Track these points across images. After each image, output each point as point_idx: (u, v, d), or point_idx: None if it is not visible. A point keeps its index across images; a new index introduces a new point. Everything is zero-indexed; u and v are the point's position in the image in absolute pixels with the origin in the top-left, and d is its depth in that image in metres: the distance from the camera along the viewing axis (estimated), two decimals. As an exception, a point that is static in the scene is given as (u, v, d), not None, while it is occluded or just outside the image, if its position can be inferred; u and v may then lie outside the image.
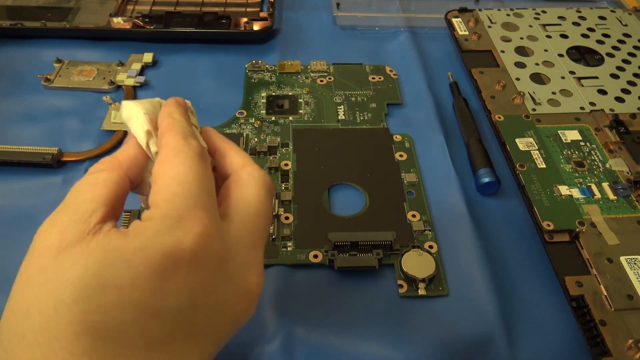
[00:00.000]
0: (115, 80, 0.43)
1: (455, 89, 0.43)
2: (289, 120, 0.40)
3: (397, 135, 0.39)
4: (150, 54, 0.45)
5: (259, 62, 0.45)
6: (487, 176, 0.35)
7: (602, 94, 0.41)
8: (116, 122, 0.39)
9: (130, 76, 0.43)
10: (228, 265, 0.18)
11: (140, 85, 0.43)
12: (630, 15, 0.49)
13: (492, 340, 0.28)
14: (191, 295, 0.17)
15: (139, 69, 0.44)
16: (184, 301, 0.17)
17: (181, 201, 0.18)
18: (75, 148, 0.37)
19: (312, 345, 0.28)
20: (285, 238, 0.32)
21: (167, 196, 0.18)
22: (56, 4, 0.49)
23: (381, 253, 0.31)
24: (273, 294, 0.29)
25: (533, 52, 0.45)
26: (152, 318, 0.16)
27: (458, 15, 0.48)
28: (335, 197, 0.35)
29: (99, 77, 0.43)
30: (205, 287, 0.17)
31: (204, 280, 0.17)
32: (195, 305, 0.17)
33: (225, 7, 0.51)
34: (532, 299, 0.30)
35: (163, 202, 0.18)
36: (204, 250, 0.17)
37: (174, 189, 0.18)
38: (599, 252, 0.30)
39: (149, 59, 0.45)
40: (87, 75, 0.43)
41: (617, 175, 0.35)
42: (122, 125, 0.38)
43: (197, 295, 0.17)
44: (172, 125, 0.20)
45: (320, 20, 0.52)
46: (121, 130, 0.38)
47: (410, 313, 0.29)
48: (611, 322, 0.27)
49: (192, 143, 0.20)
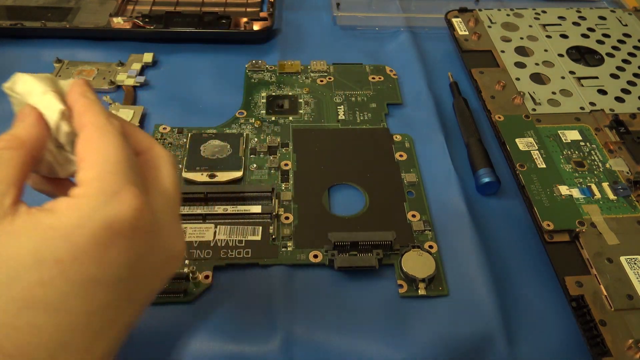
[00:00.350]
0: (115, 80, 0.42)
1: (455, 89, 0.43)
2: (289, 120, 0.40)
3: (397, 135, 0.39)
4: (150, 54, 0.45)
5: (259, 62, 0.45)
6: (487, 176, 0.35)
7: (602, 94, 0.41)
8: None
9: (131, 76, 0.43)
10: (158, 234, 0.20)
11: (140, 85, 0.43)
12: (630, 15, 0.49)
13: (492, 340, 0.28)
14: (130, 263, 0.18)
15: (139, 69, 0.44)
16: (124, 269, 0.18)
17: (115, 178, 0.19)
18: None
19: (312, 345, 0.28)
20: (285, 238, 0.32)
21: (98, 174, 0.19)
22: (56, 4, 0.49)
23: (381, 253, 0.31)
24: (273, 294, 0.29)
25: (533, 52, 0.45)
26: (95, 287, 0.17)
27: (458, 15, 0.49)
28: (335, 197, 0.35)
29: (99, 77, 0.43)
30: (142, 254, 0.19)
31: (140, 248, 0.19)
32: (133, 272, 0.19)
33: (225, 7, 0.51)
34: (532, 299, 0.30)
35: (95, 180, 0.18)
36: (139, 222, 0.18)
37: (106, 167, 0.19)
38: (599, 252, 0.30)
39: (149, 59, 0.45)
40: (87, 75, 0.43)
41: (617, 175, 0.35)
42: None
43: (135, 263, 0.19)
44: (91, 105, 0.21)
45: (320, 20, 0.52)
46: None
47: (410, 313, 0.29)
48: (611, 322, 0.27)
49: (115, 122, 0.20)
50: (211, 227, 0.32)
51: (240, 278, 0.30)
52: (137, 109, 0.40)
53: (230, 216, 0.33)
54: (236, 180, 0.35)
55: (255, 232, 0.32)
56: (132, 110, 0.39)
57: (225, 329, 0.28)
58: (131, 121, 0.38)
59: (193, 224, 0.32)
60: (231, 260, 0.31)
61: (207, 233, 0.32)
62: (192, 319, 0.28)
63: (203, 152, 0.37)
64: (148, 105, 0.41)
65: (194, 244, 0.31)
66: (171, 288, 0.29)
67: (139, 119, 0.39)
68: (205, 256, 0.31)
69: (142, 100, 0.42)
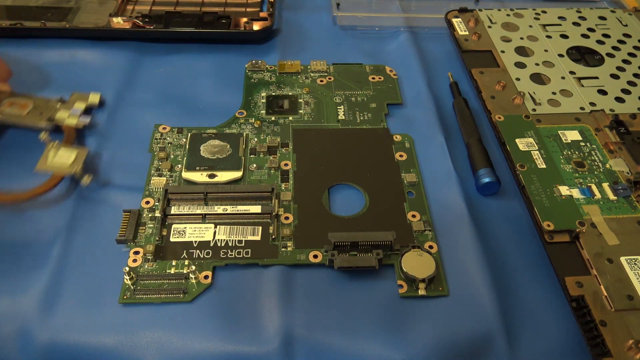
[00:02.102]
0: (54, 118, 0.36)
1: (455, 89, 0.43)
2: (289, 120, 0.40)
3: (397, 135, 0.39)
4: (97, 94, 0.39)
5: (259, 62, 0.45)
6: (487, 176, 0.35)
7: (602, 94, 0.41)
8: (55, 165, 0.32)
9: (73, 115, 0.36)
10: None
11: (84, 127, 0.36)
12: (630, 15, 0.49)
13: (492, 340, 0.28)
14: None
15: (83, 109, 0.38)
16: None
17: None
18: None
19: (312, 345, 0.28)
20: (285, 238, 0.32)
21: None
22: (56, 4, 0.49)
23: (381, 253, 0.30)
24: (273, 294, 0.29)
25: (533, 52, 0.45)
26: None
27: (458, 16, 0.49)
28: (335, 197, 0.35)
29: (35, 112, 0.37)
30: None
31: None
32: None
33: (225, 7, 0.51)
34: (532, 299, 0.30)
35: None
36: None
37: None
38: (599, 252, 0.30)
39: (95, 99, 0.39)
40: (20, 109, 0.37)
41: (617, 175, 0.35)
42: (61, 168, 0.32)
43: None
44: None
45: (320, 20, 0.52)
46: (61, 171, 0.32)
47: (410, 313, 0.29)
48: (611, 323, 0.27)
49: None
50: (211, 227, 0.32)
51: (240, 278, 0.30)
52: (80, 150, 0.33)
53: (230, 216, 0.33)
54: (236, 180, 0.35)
55: (255, 232, 0.32)
56: (74, 153, 0.32)
57: (225, 329, 0.28)
58: (73, 164, 0.31)
59: (193, 224, 0.32)
60: (231, 260, 0.31)
61: (206, 233, 0.32)
62: (192, 319, 0.28)
63: (203, 152, 0.37)
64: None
65: (194, 244, 0.31)
66: (171, 288, 0.29)
67: (81, 164, 0.32)
68: (205, 256, 0.31)
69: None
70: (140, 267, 0.30)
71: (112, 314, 0.28)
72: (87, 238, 0.32)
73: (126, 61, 0.45)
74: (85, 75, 0.43)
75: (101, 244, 0.31)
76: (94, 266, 0.30)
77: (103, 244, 0.31)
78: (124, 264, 0.30)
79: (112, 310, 0.28)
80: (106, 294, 0.29)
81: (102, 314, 0.28)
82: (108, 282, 0.30)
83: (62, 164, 0.29)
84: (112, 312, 0.28)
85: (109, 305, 0.29)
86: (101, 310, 0.28)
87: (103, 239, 0.32)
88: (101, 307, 0.29)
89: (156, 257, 0.31)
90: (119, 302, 0.29)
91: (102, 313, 0.28)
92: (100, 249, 0.31)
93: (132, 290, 0.29)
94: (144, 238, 0.31)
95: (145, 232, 0.32)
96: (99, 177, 0.34)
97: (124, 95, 0.42)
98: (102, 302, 0.29)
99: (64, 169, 0.29)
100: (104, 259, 0.31)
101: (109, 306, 0.29)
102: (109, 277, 0.30)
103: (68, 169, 0.29)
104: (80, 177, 0.29)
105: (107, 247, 0.31)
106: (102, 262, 0.31)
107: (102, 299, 0.29)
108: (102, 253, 0.31)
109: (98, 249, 0.31)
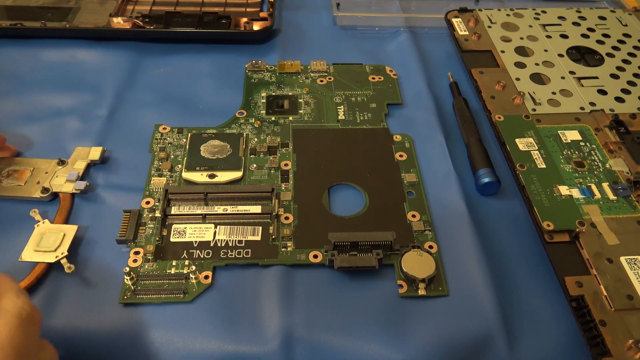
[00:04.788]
0: (50, 186, 0.34)
1: (455, 89, 0.43)
2: (289, 120, 0.40)
3: (397, 135, 0.39)
4: (99, 149, 0.36)
5: (259, 62, 0.45)
6: (487, 176, 0.35)
7: (602, 94, 0.41)
8: (40, 250, 0.30)
9: (70, 180, 0.34)
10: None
11: (80, 192, 0.34)
12: (630, 15, 0.49)
13: (492, 340, 0.28)
14: None
15: (83, 170, 0.35)
16: None
17: None
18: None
19: (312, 345, 0.28)
20: (285, 238, 0.32)
21: None
22: (56, 4, 0.49)
23: (381, 253, 0.30)
24: (273, 294, 0.29)
25: (533, 52, 0.45)
26: None
27: (458, 16, 0.49)
28: (335, 197, 0.35)
29: (32, 180, 0.34)
30: None
31: None
32: None
33: (225, 7, 0.51)
34: (532, 299, 0.30)
35: None
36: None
37: None
38: (599, 252, 0.30)
39: (96, 155, 0.36)
40: (18, 179, 0.34)
41: (617, 175, 0.35)
42: (46, 255, 0.30)
43: None
44: None
45: (320, 20, 0.52)
46: (44, 262, 0.30)
47: (410, 313, 0.29)
48: (611, 323, 0.27)
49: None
50: (211, 227, 0.32)
51: (240, 278, 0.30)
52: (69, 229, 0.31)
53: (230, 216, 0.33)
54: (236, 181, 0.35)
55: (255, 232, 0.32)
56: (62, 233, 0.31)
57: (225, 329, 0.28)
58: (60, 246, 0.30)
59: (193, 224, 0.32)
60: (231, 261, 0.31)
61: (207, 233, 0.32)
62: (192, 319, 0.28)
63: (203, 152, 0.37)
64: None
65: (194, 244, 0.31)
66: (171, 288, 0.29)
67: (69, 244, 0.30)
68: (205, 256, 0.31)
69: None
70: (140, 267, 0.30)
71: (112, 314, 0.28)
72: (87, 238, 0.32)
73: (126, 61, 0.45)
74: (85, 75, 0.43)
75: (101, 244, 0.32)
76: (94, 266, 0.30)
77: (103, 244, 0.32)
78: (124, 264, 0.30)
79: (112, 310, 0.29)
80: (106, 294, 0.29)
81: (102, 314, 0.28)
82: (108, 282, 0.30)
83: (48, 248, 0.30)
84: (112, 312, 0.28)
85: (109, 305, 0.29)
86: (101, 310, 0.28)
87: (103, 239, 0.32)
88: (101, 307, 0.29)
89: (156, 257, 0.31)
90: (119, 302, 0.29)
91: (102, 313, 0.28)
92: (100, 249, 0.31)
93: (132, 290, 0.29)
94: (144, 238, 0.31)
95: (146, 232, 0.32)
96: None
97: (124, 95, 0.42)
98: (102, 302, 0.29)
99: (48, 258, 0.29)
100: (104, 259, 0.31)
101: (109, 306, 0.29)
102: (109, 277, 0.30)
103: (52, 256, 0.30)
104: (64, 263, 0.29)
105: (107, 247, 0.31)
106: (103, 262, 0.31)
107: (102, 299, 0.29)
108: (103, 253, 0.31)
109: (98, 249, 0.31)
